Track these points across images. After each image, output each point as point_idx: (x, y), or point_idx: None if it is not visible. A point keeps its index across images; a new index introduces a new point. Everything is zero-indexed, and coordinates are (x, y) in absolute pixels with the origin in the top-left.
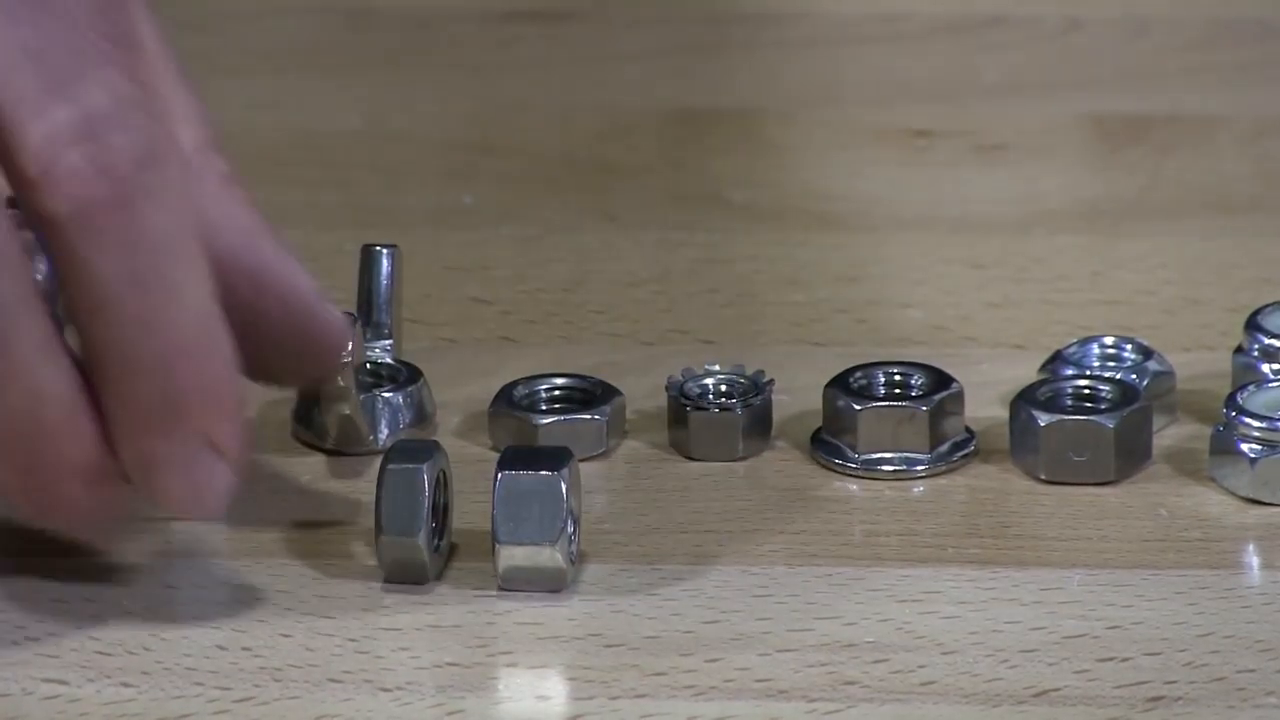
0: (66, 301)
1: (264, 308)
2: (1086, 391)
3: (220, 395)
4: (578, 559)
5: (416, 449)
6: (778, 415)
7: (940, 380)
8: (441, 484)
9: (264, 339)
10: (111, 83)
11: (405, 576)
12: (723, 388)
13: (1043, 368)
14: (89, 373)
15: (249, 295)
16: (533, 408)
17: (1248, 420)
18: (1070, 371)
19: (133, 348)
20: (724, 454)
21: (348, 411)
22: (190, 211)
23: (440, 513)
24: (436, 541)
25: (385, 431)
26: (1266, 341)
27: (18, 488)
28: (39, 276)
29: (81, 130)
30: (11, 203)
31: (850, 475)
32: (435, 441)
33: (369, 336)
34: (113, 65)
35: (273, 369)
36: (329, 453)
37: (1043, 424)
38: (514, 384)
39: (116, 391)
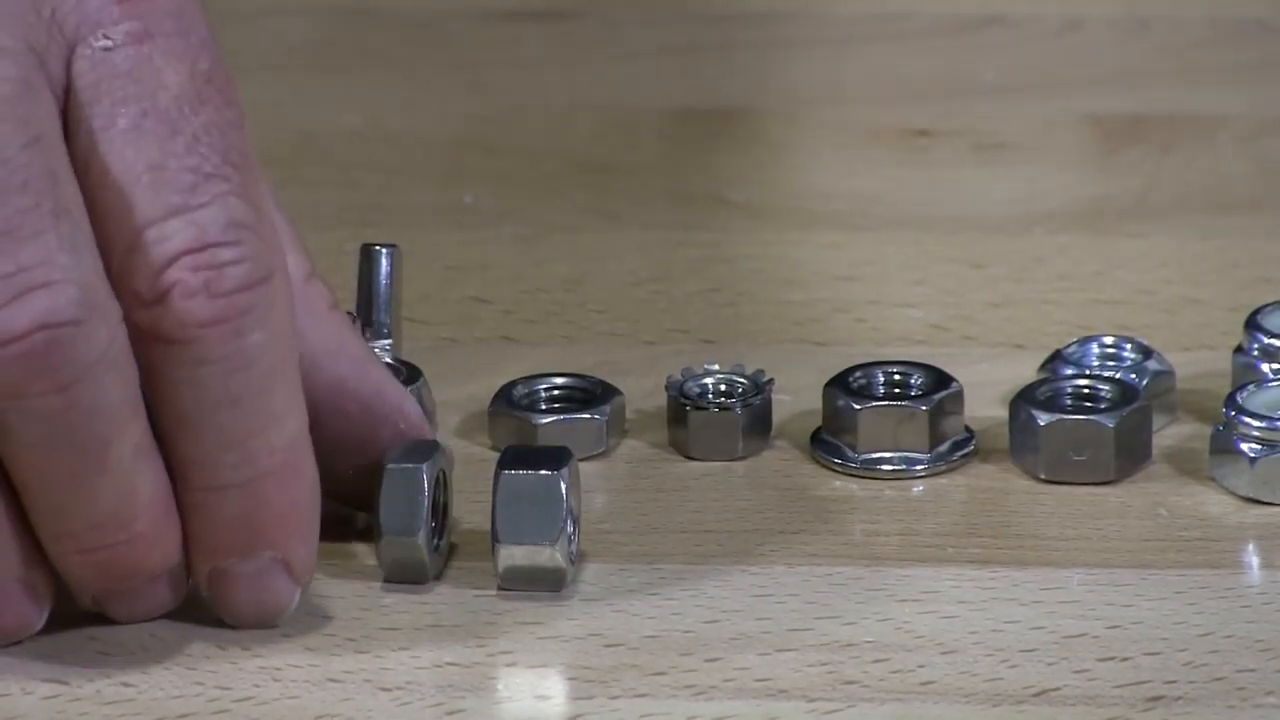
0: (158, 417)
1: (376, 433)
2: (1086, 391)
3: (301, 521)
4: (577, 559)
5: (417, 448)
6: (777, 415)
7: (940, 380)
8: (441, 483)
9: (367, 459)
10: (228, 205)
11: (405, 576)
12: (722, 387)
13: (1042, 367)
14: (175, 491)
15: (360, 421)
16: (532, 407)
17: (1247, 420)
18: (1070, 371)
19: (221, 468)
20: (724, 453)
21: None
22: (293, 337)
23: (440, 512)
24: (436, 541)
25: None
26: (1266, 341)
27: (92, 586)
28: None
29: (197, 251)
30: None
31: (850, 475)
32: (435, 441)
33: (369, 336)
34: (230, 186)
35: (360, 488)
36: None
37: (1042, 423)
38: (514, 383)
39: (199, 508)
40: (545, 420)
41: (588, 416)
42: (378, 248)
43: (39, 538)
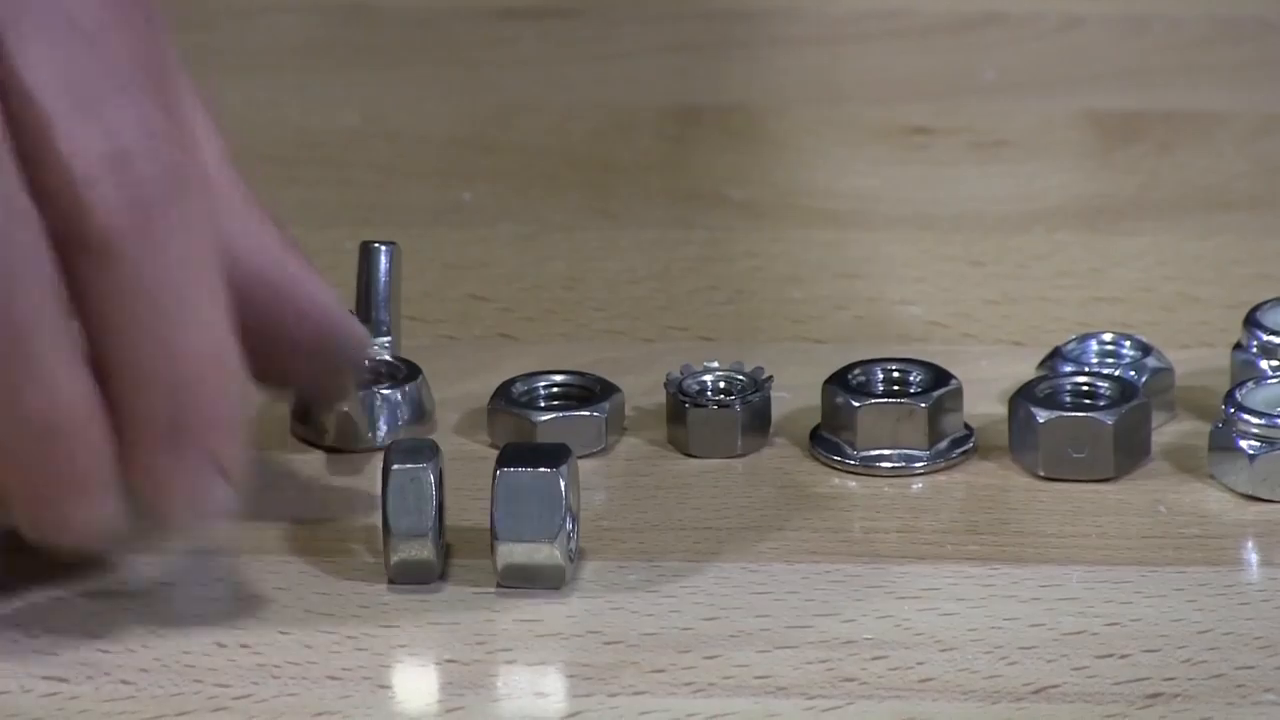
0: (82, 321)
1: (286, 322)
2: (1085, 388)
3: (228, 419)
4: (577, 556)
5: (418, 448)
6: (776, 412)
7: (939, 377)
8: (441, 482)
9: (284, 351)
10: (144, 113)
11: (412, 576)
12: (721, 385)
13: (1041, 364)
14: (101, 389)
15: (273, 311)
16: (532, 405)
17: (1246, 417)
18: (1069, 368)
19: (147, 370)
20: (723, 451)
21: (347, 409)
22: (212, 241)
23: (441, 510)
24: (441, 540)
25: (384, 429)
26: (1265, 338)
27: (22, 496)
28: None
29: (112, 160)
30: None
31: (849, 472)
32: (432, 440)
33: (368, 334)
34: (146, 95)
35: (288, 376)
36: (328, 450)
37: (1042, 421)
38: (513, 381)
39: (128, 409)
40: (544, 417)
41: (587, 414)
42: (377, 245)
43: None
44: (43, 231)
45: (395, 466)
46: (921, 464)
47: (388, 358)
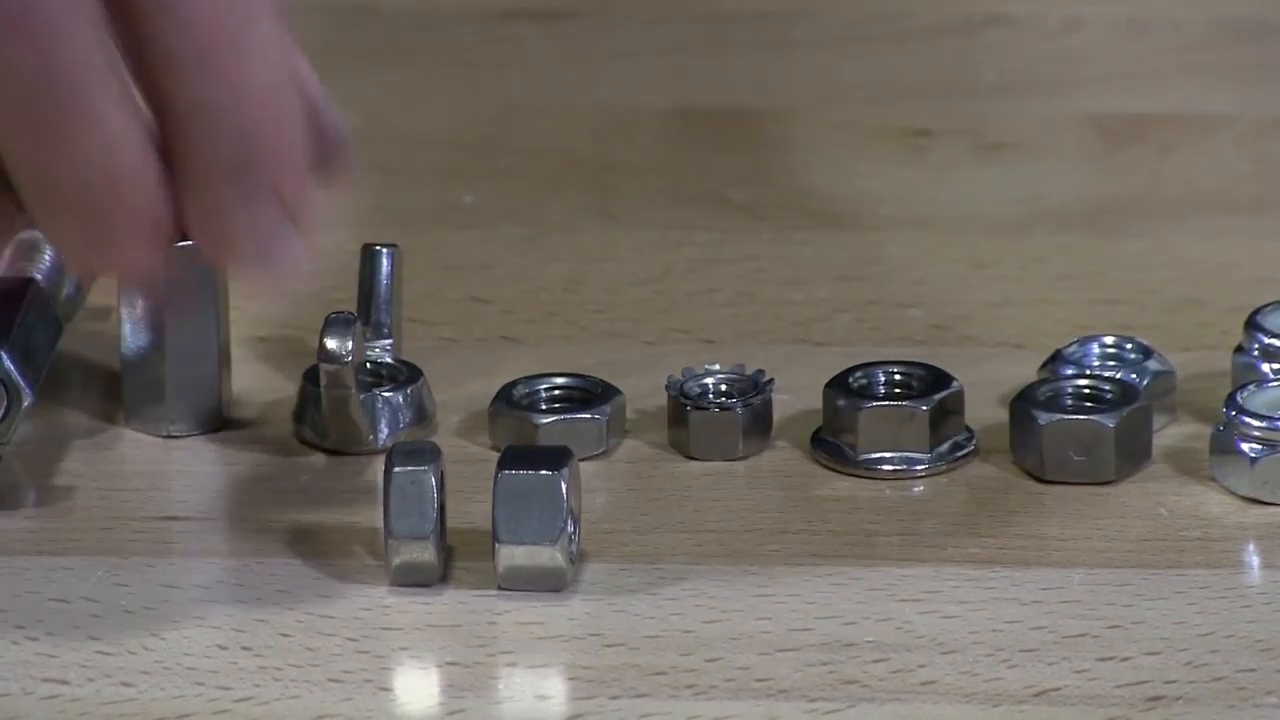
0: (146, 54)
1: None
2: (1087, 391)
3: (292, 154)
4: (578, 558)
5: (419, 450)
6: (778, 415)
7: (940, 380)
8: (443, 484)
9: None
10: None
11: (414, 579)
12: (723, 387)
13: (1043, 367)
14: (161, 133)
15: None
16: (533, 407)
17: (1248, 420)
18: (1070, 371)
19: (211, 104)
20: (724, 453)
21: (348, 411)
22: None
23: (442, 512)
24: (443, 543)
25: (385, 431)
26: (1266, 341)
27: (77, 238)
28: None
29: None
30: None
31: (850, 474)
32: (433, 442)
33: (369, 336)
34: None
35: None
36: (329, 452)
37: (1043, 423)
38: (514, 383)
39: (190, 149)
40: (546, 420)
41: (588, 416)
42: (378, 247)
43: (28, 202)
44: None
45: (397, 469)
46: (923, 466)
47: (389, 360)
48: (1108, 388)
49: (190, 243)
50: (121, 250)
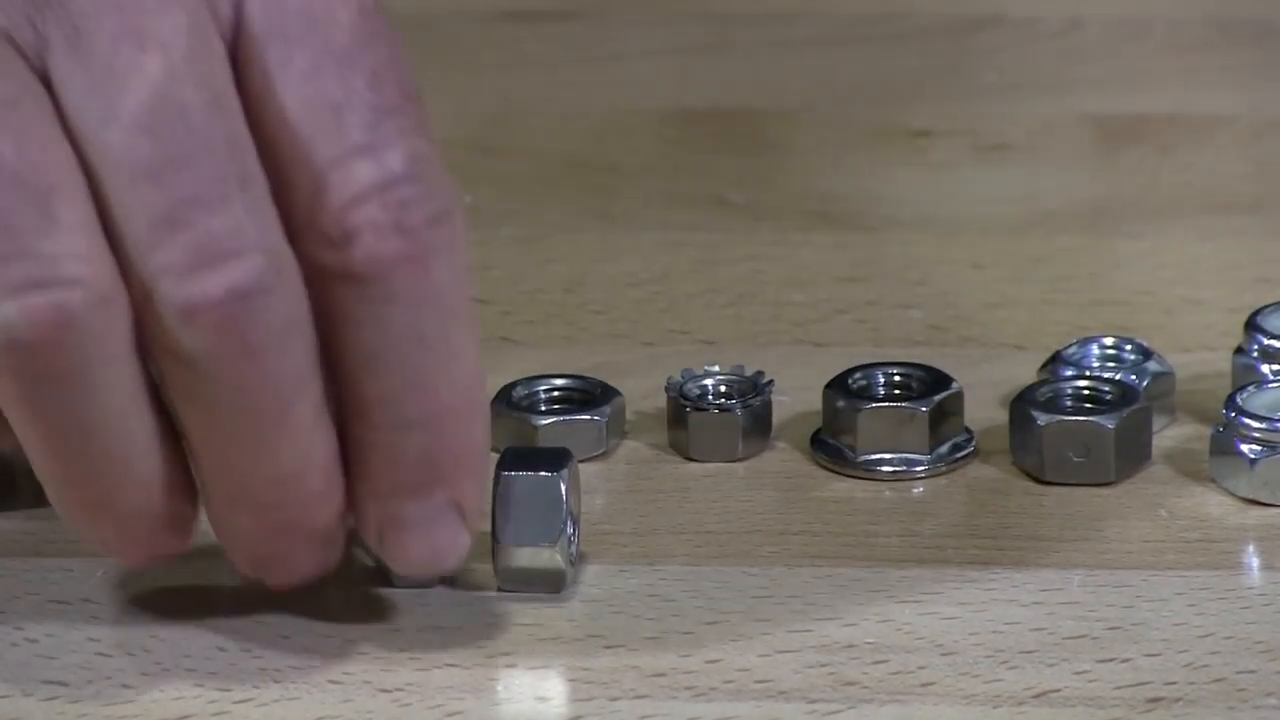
0: (339, 358)
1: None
2: (1086, 392)
3: (476, 459)
4: (577, 560)
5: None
6: (777, 416)
7: (940, 381)
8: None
9: None
10: (411, 140)
11: (413, 579)
12: (722, 388)
13: (1042, 368)
14: (350, 432)
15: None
16: (532, 408)
17: (1248, 421)
18: (1070, 372)
19: (404, 405)
20: (723, 455)
21: None
22: (470, 271)
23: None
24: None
25: None
26: (1266, 342)
27: (251, 545)
28: None
29: (382, 188)
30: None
31: (850, 476)
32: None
33: None
34: (411, 121)
35: None
36: None
37: (1042, 424)
38: (513, 384)
39: (379, 447)
40: (545, 421)
41: (588, 417)
42: None
43: (208, 494)
44: (300, 280)
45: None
46: (922, 468)
47: None
48: (1107, 389)
49: None
50: (290, 551)
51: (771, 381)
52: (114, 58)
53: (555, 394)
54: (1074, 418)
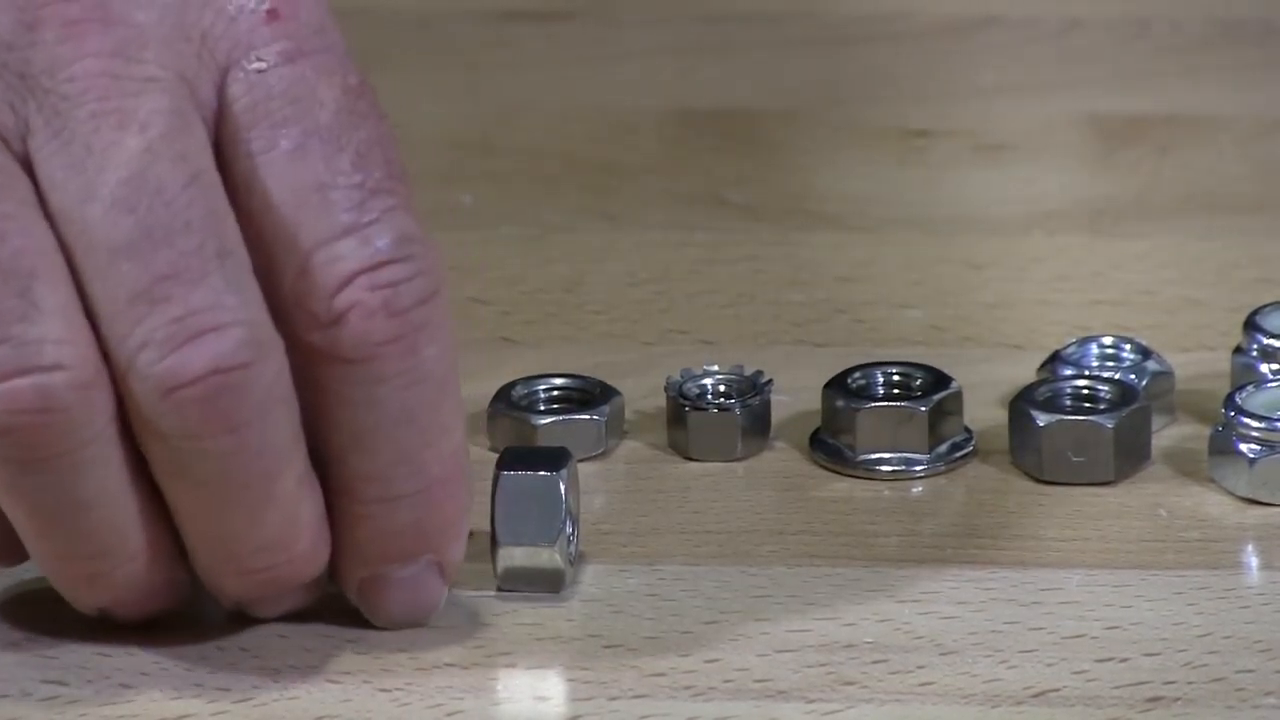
0: (327, 434)
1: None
2: (1085, 392)
3: (461, 524)
4: (576, 560)
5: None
6: (776, 415)
7: (939, 380)
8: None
9: None
10: (398, 220)
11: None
12: (721, 388)
13: (1041, 368)
14: (336, 503)
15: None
16: (531, 408)
17: (1247, 420)
18: (1069, 371)
19: (393, 482)
20: (723, 454)
21: None
22: (455, 345)
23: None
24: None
25: None
26: (1265, 341)
27: (238, 597)
28: None
29: (373, 269)
30: None
31: (849, 475)
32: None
33: None
34: (397, 200)
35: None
36: None
37: (1042, 424)
38: (513, 384)
39: (369, 520)
40: (544, 421)
41: (587, 417)
42: None
43: (194, 558)
44: (286, 359)
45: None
46: (921, 467)
47: None
48: (1106, 388)
49: None
50: (279, 607)
51: (771, 381)
52: (93, 137)
53: (554, 394)
54: (1073, 417)
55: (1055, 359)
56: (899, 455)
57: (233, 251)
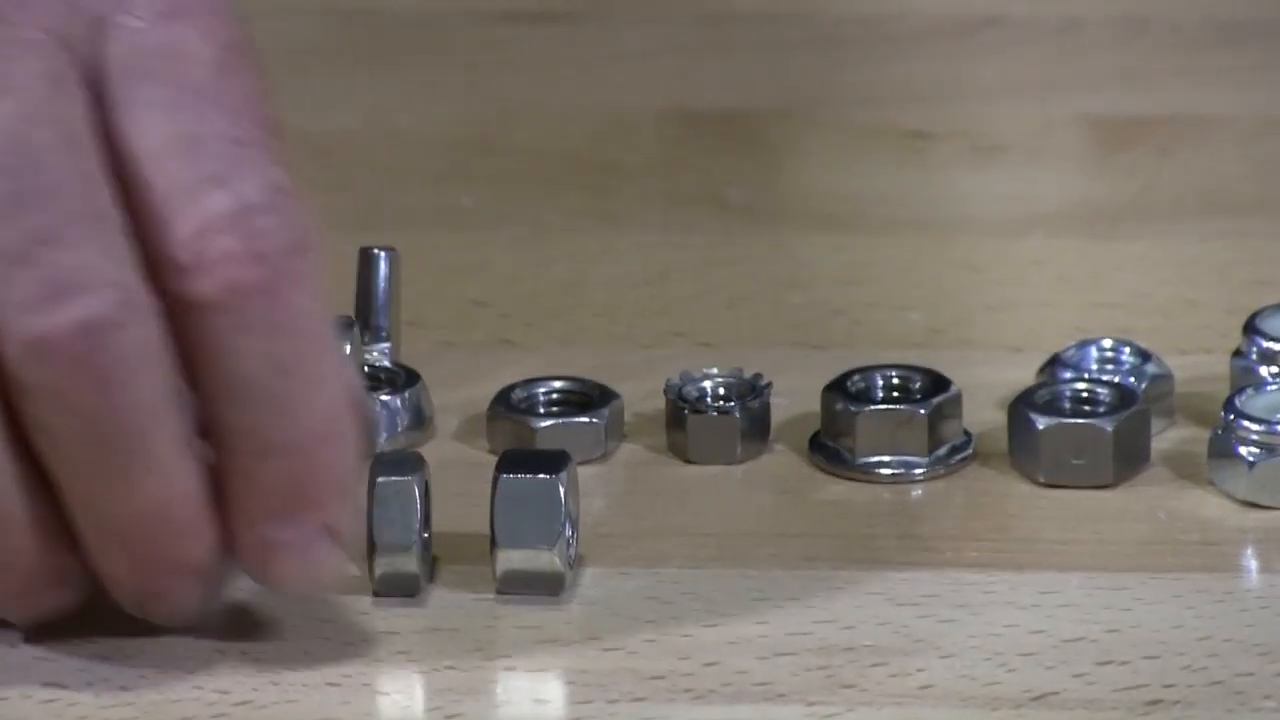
0: (202, 387)
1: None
2: (1085, 394)
3: (345, 484)
4: (576, 562)
5: (403, 460)
6: (776, 418)
7: (938, 383)
8: (427, 495)
9: None
10: (266, 171)
11: (397, 589)
12: (721, 390)
13: (1041, 370)
14: (217, 460)
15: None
16: (531, 411)
17: (1246, 423)
18: (1068, 374)
19: (269, 433)
20: (722, 457)
21: None
22: (328, 302)
23: (427, 524)
24: (427, 553)
25: (383, 435)
26: (1265, 344)
27: (128, 582)
28: None
29: (237, 216)
30: None
31: (848, 478)
32: (417, 453)
33: (367, 339)
34: (267, 153)
35: None
36: None
37: (1041, 427)
38: (512, 387)
39: (246, 477)
40: (544, 424)
41: (586, 420)
42: (376, 250)
43: (79, 534)
44: (158, 315)
45: (380, 479)
46: (921, 470)
47: (387, 363)
48: (1106, 391)
49: None
50: (169, 587)
51: (770, 384)
52: None
53: (554, 396)
54: (1073, 420)
55: (1054, 362)
56: (898, 458)
57: (105, 214)
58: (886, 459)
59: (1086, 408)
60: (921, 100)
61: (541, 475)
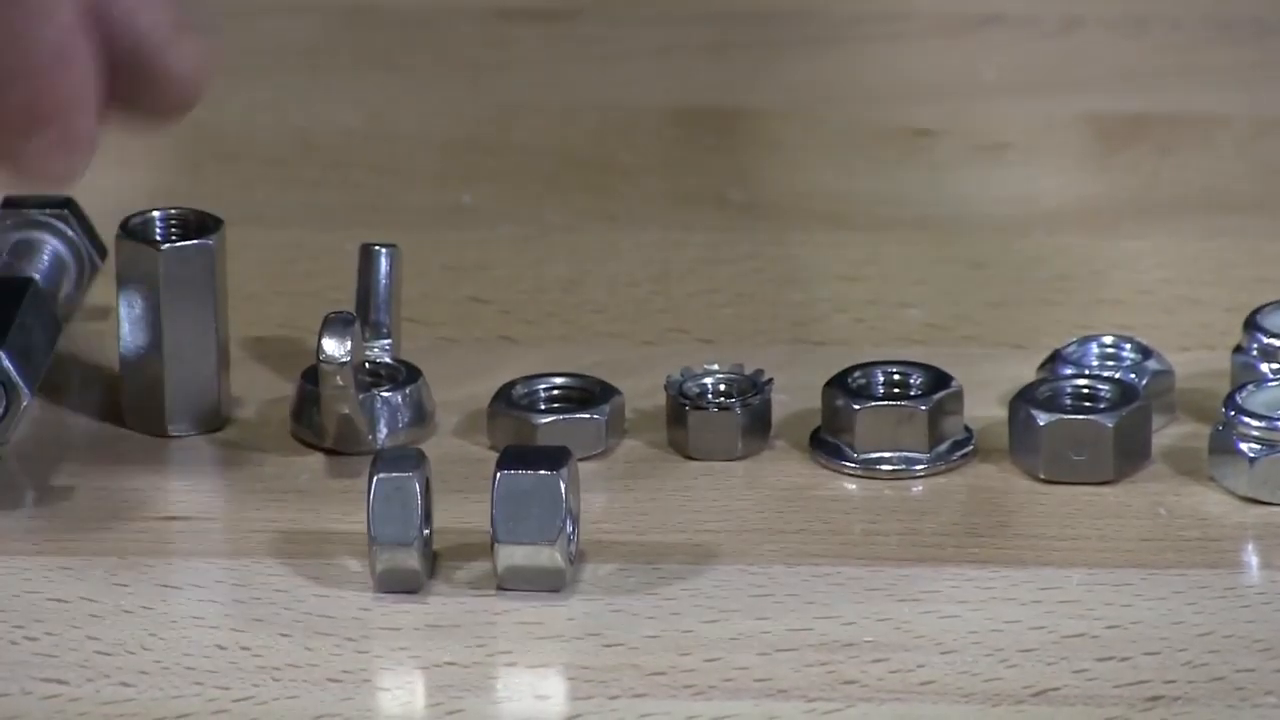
0: None
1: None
2: (1086, 391)
3: (78, 103)
4: (576, 558)
5: (404, 456)
6: (777, 414)
7: (939, 379)
8: (428, 491)
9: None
10: None
11: (398, 585)
12: (721, 387)
13: (1042, 367)
14: None
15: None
16: (532, 407)
17: (1247, 420)
18: (1069, 371)
19: (5, 62)
20: (723, 453)
21: (346, 411)
22: None
23: (428, 519)
24: (428, 549)
25: (384, 431)
26: (1265, 341)
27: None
28: None
29: None
30: None
31: (849, 475)
32: (418, 449)
33: (368, 336)
34: None
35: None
36: (328, 452)
37: (1042, 423)
38: (513, 383)
39: None
40: (544, 420)
41: (587, 416)
42: (377, 248)
43: None
44: None
45: (380, 475)
46: (922, 466)
47: (388, 360)
48: (1107, 387)
49: (189, 243)
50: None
51: (771, 380)
52: None
53: (555, 393)
54: (1074, 416)
55: (1055, 358)
56: (899, 454)
57: None
58: (887, 455)
59: (1087, 404)
60: (922, 99)
61: (542, 471)
